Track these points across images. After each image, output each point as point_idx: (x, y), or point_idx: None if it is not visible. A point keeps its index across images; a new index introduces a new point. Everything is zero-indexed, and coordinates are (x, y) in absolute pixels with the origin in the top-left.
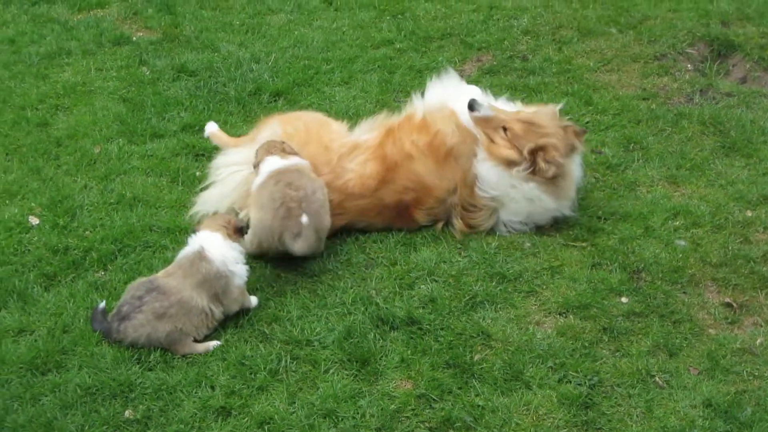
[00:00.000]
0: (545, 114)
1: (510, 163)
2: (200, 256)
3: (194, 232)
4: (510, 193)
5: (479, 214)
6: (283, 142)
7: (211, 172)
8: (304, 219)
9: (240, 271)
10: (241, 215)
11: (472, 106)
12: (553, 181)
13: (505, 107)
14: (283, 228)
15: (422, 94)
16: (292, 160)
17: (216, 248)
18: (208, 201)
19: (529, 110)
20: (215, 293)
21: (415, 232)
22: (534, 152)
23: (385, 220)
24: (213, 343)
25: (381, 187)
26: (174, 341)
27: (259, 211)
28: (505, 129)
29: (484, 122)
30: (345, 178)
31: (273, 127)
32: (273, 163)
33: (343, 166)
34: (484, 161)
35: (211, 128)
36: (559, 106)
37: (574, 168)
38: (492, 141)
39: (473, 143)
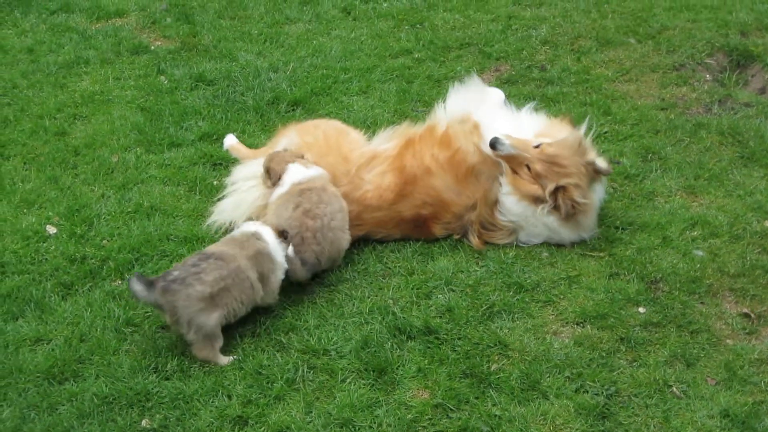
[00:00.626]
0: (568, 148)
1: (535, 199)
2: (256, 235)
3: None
4: (531, 220)
5: (498, 233)
6: (286, 150)
7: (229, 184)
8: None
9: (283, 265)
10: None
11: (494, 145)
12: (573, 217)
13: (529, 119)
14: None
15: (444, 103)
16: (314, 171)
17: (270, 236)
18: (225, 210)
19: (553, 129)
20: (262, 272)
21: (433, 241)
22: (555, 192)
23: (403, 231)
24: (230, 358)
25: (399, 201)
26: (212, 336)
27: None
28: (528, 167)
29: (508, 159)
30: (363, 190)
31: (291, 136)
32: (297, 172)
33: (361, 177)
34: (509, 195)
35: (230, 141)
36: (582, 129)
37: (596, 198)
38: (516, 173)
39: (495, 164)
